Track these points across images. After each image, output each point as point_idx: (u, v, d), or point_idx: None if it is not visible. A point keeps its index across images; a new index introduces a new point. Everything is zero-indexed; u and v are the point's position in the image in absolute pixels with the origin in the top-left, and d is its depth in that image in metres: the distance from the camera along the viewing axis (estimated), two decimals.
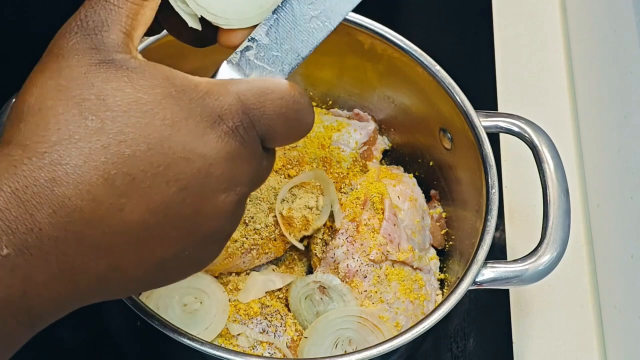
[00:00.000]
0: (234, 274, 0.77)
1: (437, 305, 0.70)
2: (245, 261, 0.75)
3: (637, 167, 0.82)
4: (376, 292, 0.74)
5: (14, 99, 0.46)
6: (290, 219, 0.75)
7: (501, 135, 0.82)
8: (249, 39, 0.49)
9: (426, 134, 0.84)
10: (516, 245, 0.89)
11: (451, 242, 0.83)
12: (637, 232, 0.81)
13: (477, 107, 0.78)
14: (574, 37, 1.04)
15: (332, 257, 0.75)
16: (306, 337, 0.73)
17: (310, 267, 0.80)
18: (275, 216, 0.75)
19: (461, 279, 0.70)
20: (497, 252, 0.87)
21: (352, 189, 0.78)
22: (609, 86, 0.93)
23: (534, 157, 0.76)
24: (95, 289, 0.45)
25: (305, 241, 0.78)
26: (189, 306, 0.72)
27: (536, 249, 0.72)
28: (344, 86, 0.88)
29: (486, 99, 0.98)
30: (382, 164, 0.88)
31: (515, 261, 0.71)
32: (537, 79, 1.02)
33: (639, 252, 0.80)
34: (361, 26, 0.80)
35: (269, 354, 0.72)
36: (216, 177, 0.46)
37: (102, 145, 0.43)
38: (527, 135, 0.77)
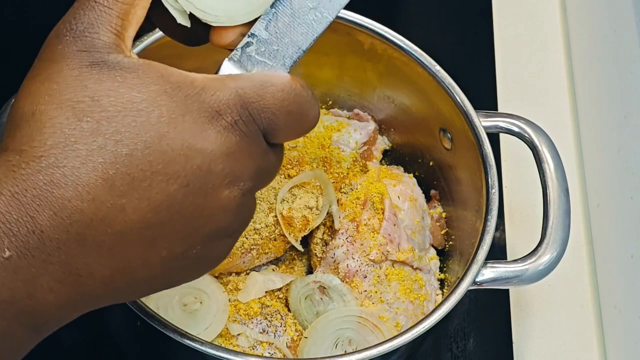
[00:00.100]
0: (234, 274, 0.77)
1: (437, 305, 0.70)
2: (245, 261, 0.75)
3: (637, 167, 0.82)
4: (376, 292, 0.74)
5: (12, 102, 0.46)
6: (290, 219, 0.75)
7: (501, 135, 0.82)
8: (249, 35, 0.49)
9: (426, 134, 0.84)
10: (516, 245, 0.89)
11: (451, 242, 0.83)
12: (637, 232, 0.81)
13: (477, 107, 0.77)
14: (574, 37, 1.04)
15: (332, 257, 0.75)
16: (306, 337, 0.73)
17: (310, 267, 0.80)
18: (275, 216, 0.75)
19: (461, 279, 0.70)
20: (497, 252, 0.87)
21: (352, 189, 0.78)
22: (609, 86, 0.93)
23: (534, 157, 0.76)
24: (101, 292, 0.44)
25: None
26: (189, 306, 0.72)
27: (536, 249, 0.72)
28: (344, 86, 0.88)
29: (486, 99, 0.98)
30: (382, 164, 0.88)
31: (515, 261, 0.71)
32: (537, 79, 1.02)
33: (639, 252, 0.80)
34: (361, 26, 0.80)
35: (269, 354, 0.72)
36: (217, 173, 0.45)
37: (98, 146, 0.43)
38: (527, 135, 0.77)
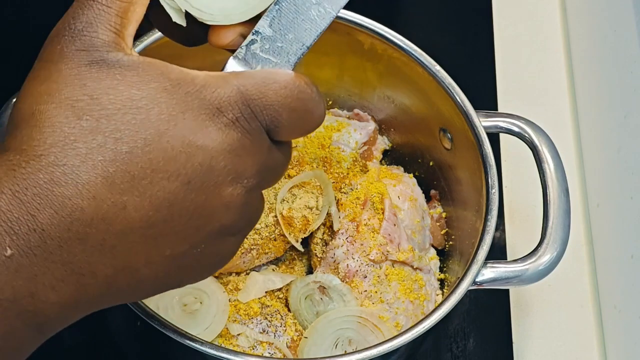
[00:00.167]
0: (234, 274, 0.77)
1: (437, 305, 0.70)
2: (245, 261, 0.75)
3: (637, 167, 0.82)
4: (376, 292, 0.74)
5: (14, 100, 0.46)
6: (290, 219, 0.75)
7: (501, 135, 0.82)
8: (253, 32, 0.49)
9: (426, 134, 0.84)
10: (516, 245, 0.89)
11: (451, 242, 0.83)
12: (637, 232, 0.81)
13: (477, 107, 0.77)
14: (574, 37, 1.03)
15: (332, 257, 0.75)
16: (306, 337, 0.73)
17: (310, 267, 0.80)
18: (275, 216, 0.75)
19: (461, 279, 0.70)
20: (497, 252, 0.87)
21: (352, 189, 0.78)
22: (609, 86, 0.93)
23: (534, 157, 0.76)
24: (104, 291, 0.44)
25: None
26: (189, 306, 0.72)
27: (536, 249, 0.72)
28: (344, 86, 0.88)
29: (486, 99, 0.98)
30: (382, 164, 0.88)
31: (515, 261, 0.71)
32: (537, 79, 1.02)
33: (639, 252, 0.80)
34: (361, 26, 0.80)
35: (269, 354, 0.72)
36: (219, 170, 0.45)
37: (98, 144, 0.42)
38: (527, 135, 0.77)
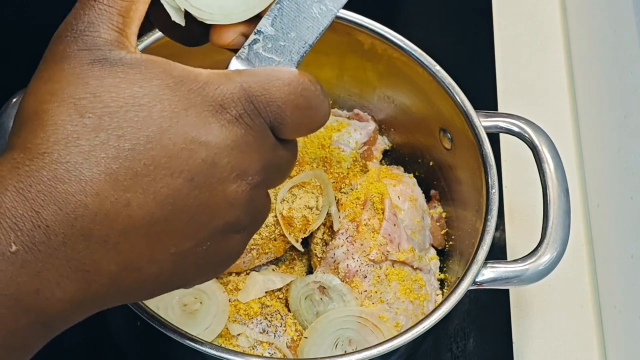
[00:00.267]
0: (234, 274, 0.77)
1: (437, 305, 0.70)
2: (245, 261, 0.75)
3: (637, 167, 0.82)
4: (376, 292, 0.74)
5: (14, 100, 0.47)
6: (290, 219, 0.75)
7: (501, 135, 0.82)
8: (255, 32, 0.49)
9: (426, 134, 0.84)
10: (516, 245, 0.89)
11: (451, 242, 0.83)
12: (637, 232, 0.81)
13: (477, 107, 0.77)
14: (574, 37, 1.04)
15: (332, 257, 0.75)
16: (306, 337, 0.73)
17: (310, 267, 0.80)
18: (275, 216, 0.75)
19: (461, 279, 0.69)
20: (497, 252, 0.87)
21: (352, 189, 0.78)
22: (609, 86, 0.93)
23: (534, 157, 0.76)
24: (109, 289, 0.44)
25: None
26: (189, 306, 0.72)
27: (536, 249, 0.72)
28: (344, 86, 0.88)
29: (486, 99, 0.98)
30: (382, 164, 0.88)
31: (515, 261, 0.71)
32: (537, 79, 1.02)
33: (639, 252, 0.80)
34: (361, 26, 0.80)
35: (269, 354, 0.72)
36: (223, 167, 0.45)
37: (101, 141, 0.43)
38: (527, 135, 0.77)
